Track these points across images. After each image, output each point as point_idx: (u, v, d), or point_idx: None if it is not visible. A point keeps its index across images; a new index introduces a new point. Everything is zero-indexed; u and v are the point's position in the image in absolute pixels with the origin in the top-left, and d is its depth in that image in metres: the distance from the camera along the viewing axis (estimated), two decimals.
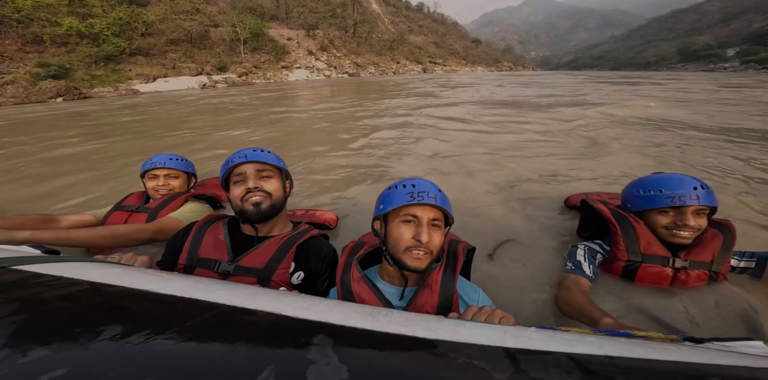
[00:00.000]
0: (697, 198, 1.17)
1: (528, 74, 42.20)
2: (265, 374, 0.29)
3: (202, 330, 0.36)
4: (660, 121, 5.46)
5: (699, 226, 1.21)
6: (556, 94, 11.44)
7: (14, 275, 0.48)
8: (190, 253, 1.10)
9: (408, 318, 0.44)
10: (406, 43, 68.00)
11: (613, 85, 15.56)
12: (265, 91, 19.37)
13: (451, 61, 76.27)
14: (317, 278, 1.15)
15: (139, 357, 0.31)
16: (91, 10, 33.40)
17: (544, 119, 5.93)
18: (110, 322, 0.36)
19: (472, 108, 7.88)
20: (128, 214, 1.62)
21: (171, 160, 1.75)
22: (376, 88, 18.24)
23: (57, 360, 0.30)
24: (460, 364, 0.34)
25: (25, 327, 0.34)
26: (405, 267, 0.91)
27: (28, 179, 3.22)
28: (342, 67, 48.95)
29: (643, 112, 6.35)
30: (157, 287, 0.48)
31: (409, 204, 0.90)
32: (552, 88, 14.26)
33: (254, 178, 1.13)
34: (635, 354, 0.38)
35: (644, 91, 12.19)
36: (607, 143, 4.02)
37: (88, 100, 19.08)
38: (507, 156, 3.59)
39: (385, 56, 59.52)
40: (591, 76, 28.91)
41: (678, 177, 1.25)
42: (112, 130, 6.44)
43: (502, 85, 17.81)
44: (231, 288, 0.51)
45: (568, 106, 7.68)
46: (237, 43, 42.21)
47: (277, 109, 9.31)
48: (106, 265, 0.61)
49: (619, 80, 21.02)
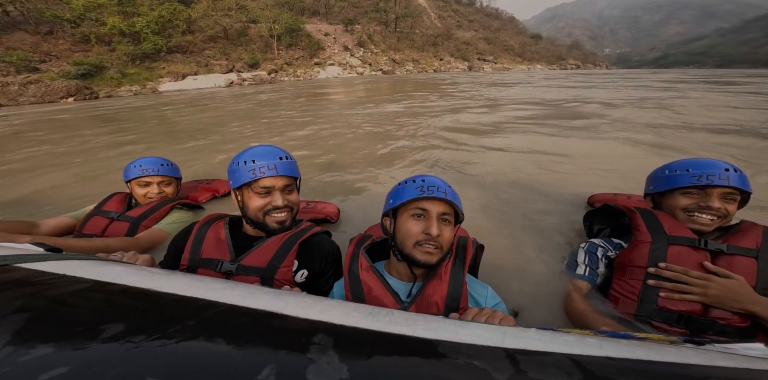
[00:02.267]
0: (727, 179, 1.04)
1: (608, 74, 34.98)
2: (265, 373, 0.29)
3: (203, 329, 0.36)
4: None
5: (725, 212, 1.06)
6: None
7: (17, 273, 0.48)
8: (192, 254, 1.09)
9: (408, 318, 0.44)
10: (452, 39, 62.93)
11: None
12: (290, 90, 17.37)
13: (503, 58, 69.21)
14: (321, 276, 1.14)
15: (140, 355, 0.31)
16: (138, 9, 34.69)
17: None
18: (111, 321, 0.36)
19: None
20: (108, 221, 1.55)
21: (164, 166, 1.69)
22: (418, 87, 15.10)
23: (58, 358, 0.30)
24: (460, 364, 0.33)
25: (28, 325, 0.34)
26: (415, 262, 0.90)
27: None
28: (377, 63, 46.24)
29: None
30: (158, 285, 0.48)
31: (419, 198, 0.90)
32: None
33: (282, 194, 1.11)
34: (635, 356, 0.38)
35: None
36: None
37: (100, 101, 18.63)
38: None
39: (427, 52, 55.49)
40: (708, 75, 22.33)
41: (709, 160, 1.12)
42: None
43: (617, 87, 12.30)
44: (232, 287, 0.51)
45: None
46: (272, 39, 41.62)
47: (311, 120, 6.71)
48: (108, 263, 0.61)
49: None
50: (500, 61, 65.42)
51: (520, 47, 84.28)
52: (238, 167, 1.08)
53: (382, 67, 44.66)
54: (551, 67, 76.13)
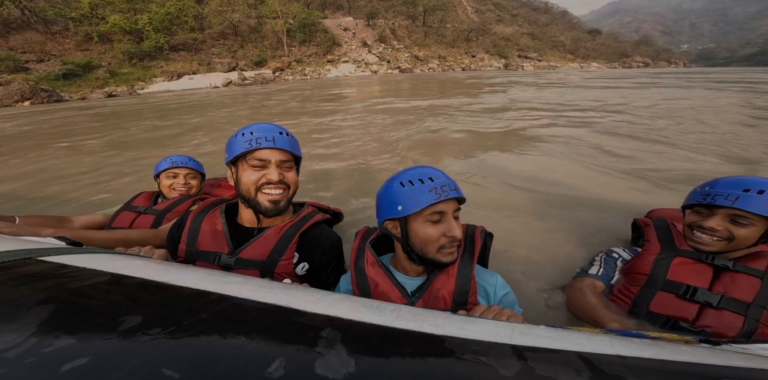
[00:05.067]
0: (734, 200, 0.98)
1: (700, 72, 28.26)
2: (274, 366, 0.30)
3: (215, 322, 0.37)
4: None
5: (727, 234, 1.02)
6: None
7: (40, 266, 0.49)
8: (188, 246, 1.05)
9: (416, 314, 0.44)
10: (489, 34, 55.71)
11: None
12: (287, 93, 14.83)
13: (550, 55, 60.23)
14: (323, 270, 1.10)
15: (156, 347, 0.32)
16: (147, 6, 33.54)
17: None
18: (130, 313, 0.37)
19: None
20: (136, 215, 1.61)
21: (191, 161, 1.77)
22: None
23: (79, 349, 0.31)
24: (467, 360, 0.33)
25: (51, 316, 0.35)
26: (439, 264, 0.87)
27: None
28: (396, 60, 41.41)
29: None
30: (173, 279, 0.49)
31: (438, 202, 0.83)
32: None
33: (278, 168, 1.01)
34: (647, 355, 0.37)
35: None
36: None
37: (56, 105, 16.48)
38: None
39: (458, 49, 49.36)
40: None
41: (743, 178, 1.03)
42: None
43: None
44: (243, 281, 0.51)
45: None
46: (281, 35, 38.77)
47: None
48: (126, 257, 0.62)
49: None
50: (546, 58, 56.86)
51: (573, 43, 73.32)
52: (236, 139, 1.01)
53: (400, 65, 39.75)
54: (611, 65, 65.11)
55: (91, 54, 30.24)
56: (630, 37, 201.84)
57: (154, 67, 31.43)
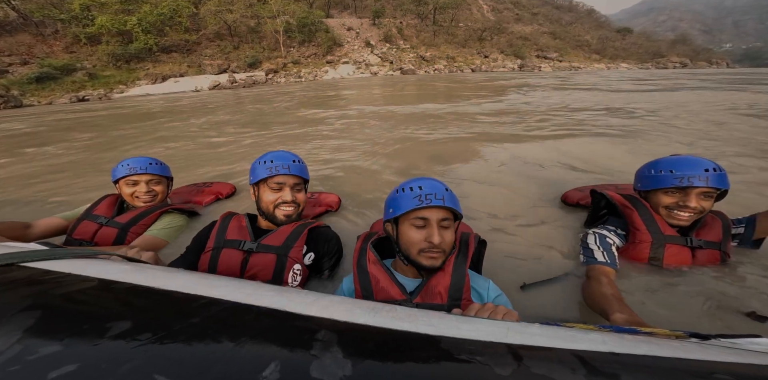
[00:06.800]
0: (706, 180, 1.17)
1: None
2: (269, 370, 0.29)
3: (208, 327, 0.36)
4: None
5: (701, 208, 1.21)
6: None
7: (24, 271, 0.48)
8: (218, 237, 1.27)
9: (411, 314, 0.44)
10: (505, 33, 51.55)
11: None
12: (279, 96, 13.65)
13: (573, 55, 55.15)
14: (324, 257, 1.35)
15: (147, 353, 0.31)
16: (140, 7, 32.27)
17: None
18: (118, 319, 0.36)
19: None
20: (97, 227, 1.56)
21: (152, 165, 1.68)
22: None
23: (67, 356, 0.30)
24: (463, 360, 0.33)
25: (36, 323, 0.34)
26: (420, 267, 0.96)
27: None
28: (400, 61, 38.43)
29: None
30: (162, 284, 0.48)
31: (418, 208, 0.92)
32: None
33: (291, 190, 1.34)
34: (640, 351, 0.37)
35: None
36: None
37: (7, 111, 15.17)
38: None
39: (470, 48, 45.65)
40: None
41: (692, 159, 1.23)
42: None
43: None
44: (235, 285, 0.50)
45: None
46: (277, 35, 36.71)
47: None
48: (113, 262, 0.61)
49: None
50: (568, 58, 52.10)
51: (599, 42, 67.18)
52: (259, 166, 1.32)
53: (403, 66, 36.72)
54: (643, 66, 59.23)
55: (78, 56, 29.13)
56: (665, 35, 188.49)
57: (139, 70, 29.94)
